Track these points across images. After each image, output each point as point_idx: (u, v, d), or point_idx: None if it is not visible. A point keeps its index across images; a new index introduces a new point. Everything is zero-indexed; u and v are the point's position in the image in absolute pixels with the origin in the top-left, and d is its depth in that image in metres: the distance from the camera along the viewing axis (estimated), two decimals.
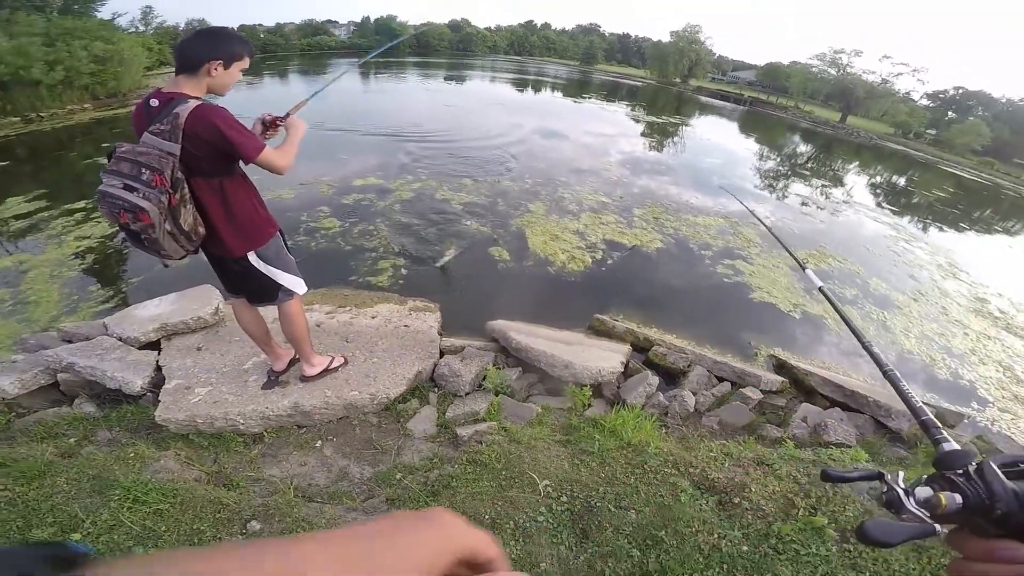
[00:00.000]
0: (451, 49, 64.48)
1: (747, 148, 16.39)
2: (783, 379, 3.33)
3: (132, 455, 1.96)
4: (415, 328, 3.08)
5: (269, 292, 2.02)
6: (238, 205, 1.77)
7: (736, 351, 3.92)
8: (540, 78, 33.94)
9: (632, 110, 21.01)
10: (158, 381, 2.48)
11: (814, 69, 37.78)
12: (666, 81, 45.84)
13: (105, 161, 1.56)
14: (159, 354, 2.66)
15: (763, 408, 3.05)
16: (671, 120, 19.46)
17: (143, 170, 1.52)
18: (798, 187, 11.28)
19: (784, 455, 2.15)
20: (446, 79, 26.62)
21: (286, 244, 2.03)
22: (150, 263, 4.28)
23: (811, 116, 34.82)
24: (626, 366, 3.16)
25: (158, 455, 1.99)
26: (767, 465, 2.02)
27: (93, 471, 1.80)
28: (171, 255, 1.66)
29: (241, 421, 2.20)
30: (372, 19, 63.48)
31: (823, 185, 12.34)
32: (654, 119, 18.75)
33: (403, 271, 4.44)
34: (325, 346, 2.74)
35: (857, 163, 20.13)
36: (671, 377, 3.34)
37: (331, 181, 6.59)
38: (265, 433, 2.26)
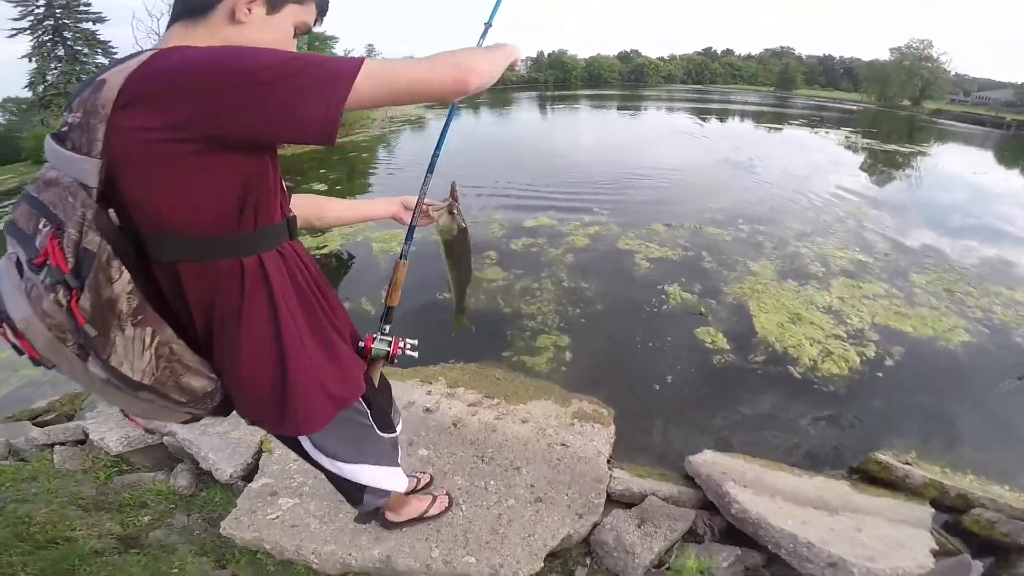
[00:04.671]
0: (622, 81, 64.40)
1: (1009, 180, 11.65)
2: None
3: (178, 571, 1.65)
4: (576, 450, 2.18)
5: (348, 493, 1.24)
6: (261, 329, 0.81)
7: None
8: (728, 106, 30.83)
9: (858, 138, 17.07)
10: (254, 468, 2.14)
11: None
12: (891, 105, 38.54)
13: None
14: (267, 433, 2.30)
15: None
16: (916, 148, 15.26)
17: (41, 224, 0.66)
18: None
19: None
20: (620, 109, 25.81)
21: (374, 416, 1.09)
22: None
23: None
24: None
25: None
26: None
27: None
28: (157, 419, 0.84)
29: (316, 561, 1.74)
30: (546, 54, 66.84)
31: None
32: (896, 147, 14.92)
33: (566, 355, 3.31)
34: (456, 460, 2.10)
35: None
36: (1002, 555, 2.00)
37: (503, 219, 5.89)
38: None
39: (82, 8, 26.90)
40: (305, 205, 1.10)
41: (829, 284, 4.32)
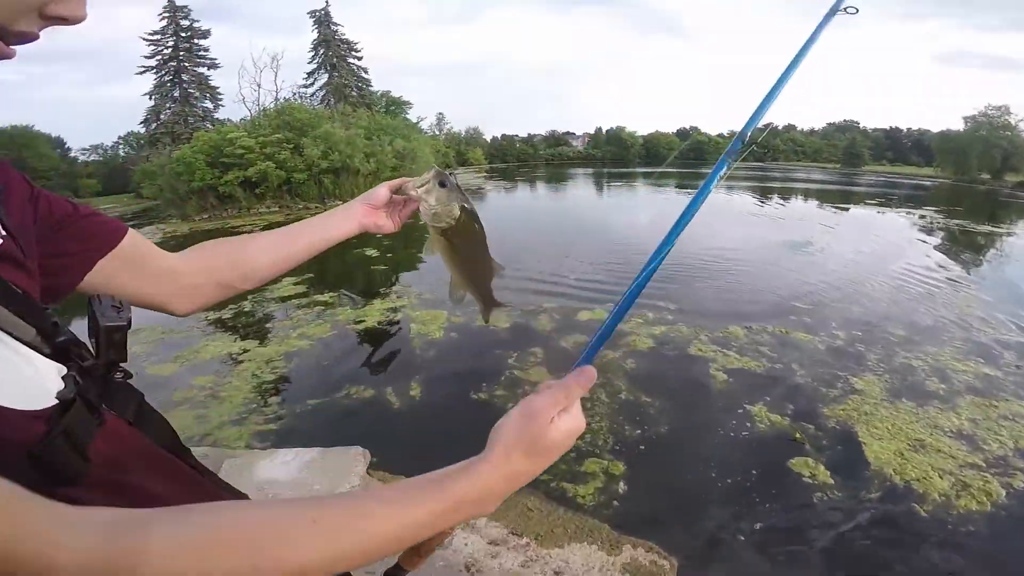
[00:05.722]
0: (681, 158, 64.96)
1: None
2: None
3: None
4: None
5: None
6: None
7: None
8: (793, 184, 29.64)
9: (943, 218, 15.79)
10: None
11: None
12: (968, 179, 35.92)
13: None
14: None
15: None
16: (1008, 228, 13.82)
17: None
18: None
19: None
20: (679, 188, 25.80)
21: None
22: (335, 390, 3.96)
23: None
24: None
25: None
26: None
27: None
28: None
29: None
30: (604, 130, 69.10)
31: None
32: (991, 228, 13.59)
33: (620, 486, 2.84)
34: None
35: None
36: None
37: (554, 310, 5.60)
38: None
39: (201, 53, 29.60)
40: (220, 254, 0.72)
41: (955, 404, 3.65)
